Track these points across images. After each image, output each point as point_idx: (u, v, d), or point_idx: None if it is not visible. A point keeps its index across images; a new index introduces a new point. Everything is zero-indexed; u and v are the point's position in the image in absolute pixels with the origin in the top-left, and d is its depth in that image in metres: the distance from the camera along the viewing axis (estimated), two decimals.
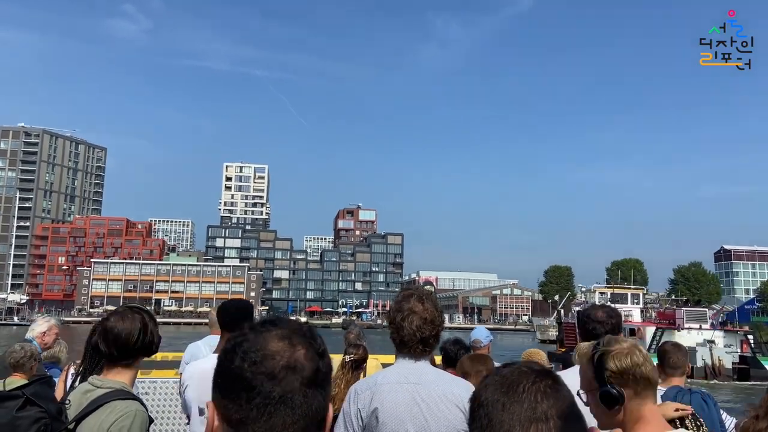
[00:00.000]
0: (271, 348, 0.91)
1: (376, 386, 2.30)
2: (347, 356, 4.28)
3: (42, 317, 5.61)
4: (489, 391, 1.04)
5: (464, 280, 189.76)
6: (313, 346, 0.95)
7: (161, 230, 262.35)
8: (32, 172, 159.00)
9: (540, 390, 1.00)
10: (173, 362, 5.90)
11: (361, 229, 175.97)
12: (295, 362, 0.91)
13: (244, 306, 3.46)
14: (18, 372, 4.11)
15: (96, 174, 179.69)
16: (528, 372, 1.04)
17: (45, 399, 2.24)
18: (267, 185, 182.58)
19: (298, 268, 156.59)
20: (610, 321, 2.86)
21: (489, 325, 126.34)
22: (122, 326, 2.28)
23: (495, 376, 1.07)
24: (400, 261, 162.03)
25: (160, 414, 5.50)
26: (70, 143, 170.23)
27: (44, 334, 5.07)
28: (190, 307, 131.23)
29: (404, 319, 2.36)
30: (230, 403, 0.90)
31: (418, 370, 2.33)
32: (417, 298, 2.41)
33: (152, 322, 2.36)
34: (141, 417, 2.14)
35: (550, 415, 0.98)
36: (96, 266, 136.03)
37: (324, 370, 0.95)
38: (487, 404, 1.02)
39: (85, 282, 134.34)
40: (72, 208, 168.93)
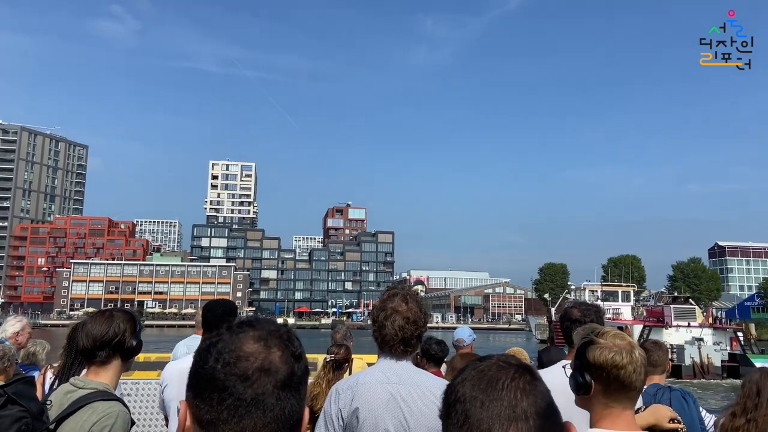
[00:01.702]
0: (246, 349, 0.90)
1: (357, 386, 2.31)
2: (328, 356, 4.35)
3: (13, 317, 5.39)
4: (467, 386, 1.00)
5: (456, 279, 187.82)
6: (290, 348, 0.94)
7: (148, 231, 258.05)
8: (10, 170, 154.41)
9: (519, 387, 0.98)
10: (156, 363, 6.05)
11: (350, 228, 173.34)
12: (269, 364, 0.90)
13: (228, 306, 3.47)
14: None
15: (77, 173, 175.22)
16: (506, 367, 1.02)
17: (27, 398, 2.25)
18: (254, 184, 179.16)
19: (287, 268, 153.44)
20: (585, 319, 2.80)
21: (482, 325, 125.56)
22: (102, 327, 2.28)
23: (471, 370, 1.03)
24: (391, 260, 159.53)
25: (143, 415, 5.56)
26: (50, 141, 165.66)
27: (17, 334, 5.03)
28: (174, 308, 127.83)
29: (387, 318, 2.37)
30: (202, 403, 0.89)
31: (400, 370, 2.34)
32: (401, 298, 2.41)
33: (132, 323, 2.35)
34: (123, 418, 2.14)
35: (530, 414, 0.95)
36: (76, 267, 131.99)
37: (299, 373, 0.93)
38: (464, 400, 0.98)
39: (64, 284, 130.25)
40: (52, 208, 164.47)
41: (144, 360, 6.50)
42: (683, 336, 37.61)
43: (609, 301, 47.13)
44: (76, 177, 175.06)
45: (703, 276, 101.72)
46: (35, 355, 5.13)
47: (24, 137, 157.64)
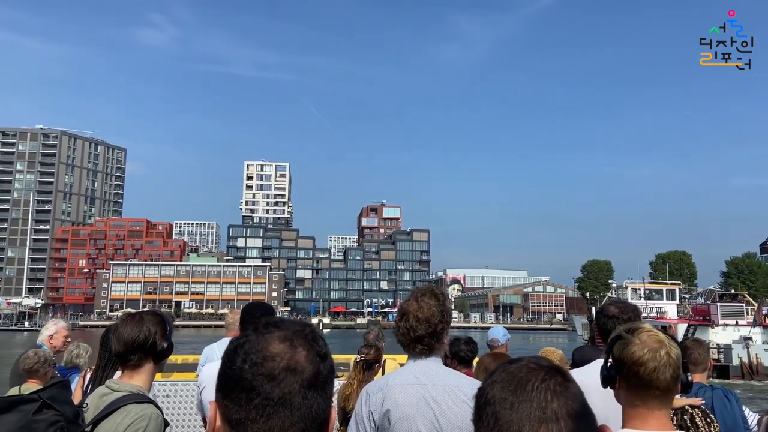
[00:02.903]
0: (272, 349, 0.93)
1: (387, 387, 2.34)
2: (358, 356, 4.37)
3: (51, 320, 5.48)
4: (496, 388, 1.01)
5: (493, 278, 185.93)
6: (315, 348, 0.96)
7: (187, 233, 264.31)
8: (51, 174, 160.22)
9: (550, 388, 0.98)
10: (193, 365, 6.03)
11: (385, 226, 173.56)
12: (295, 364, 0.92)
13: (266, 309, 3.56)
14: (33, 378, 4.16)
15: (116, 175, 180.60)
16: (537, 369, 1.02)
17: (62, 402, 2.29)
18: (288, 184, 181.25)
19: (322, 268, 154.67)
20: (622, 316, 2.79)
21: (522, 324, 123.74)
22: (132, 331, 2.33)
23: (502, 372, 1.04)
24: (427, 259, 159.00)
25: (182, 416, 5.64)
26: (89, 144, 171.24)
27: (51, 337, 5.06)
28: (210, 309, 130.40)
29: (400, 319, 2.43)
30: (231, 403, 0.92)
31: (429, 371, 2.36)
32: (414, 297, 2.47)
33: (162, 325, 2.40)
34: (156, 420, 2.20)
35: (560, 415, 0.96)
36: (115, 268, 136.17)
37: (325, 372, 0.96)
38: (494, 402, 1.00)
39: (104, 285, 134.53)
40: (92, 211, 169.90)
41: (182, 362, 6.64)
42: (731, 335, 36.44)
43: (653, 299, 45.97)
44: (115, 180, 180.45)
45: (759, 272, 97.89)
46: (78, 358, 5.19)
47: (64, 141, 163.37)
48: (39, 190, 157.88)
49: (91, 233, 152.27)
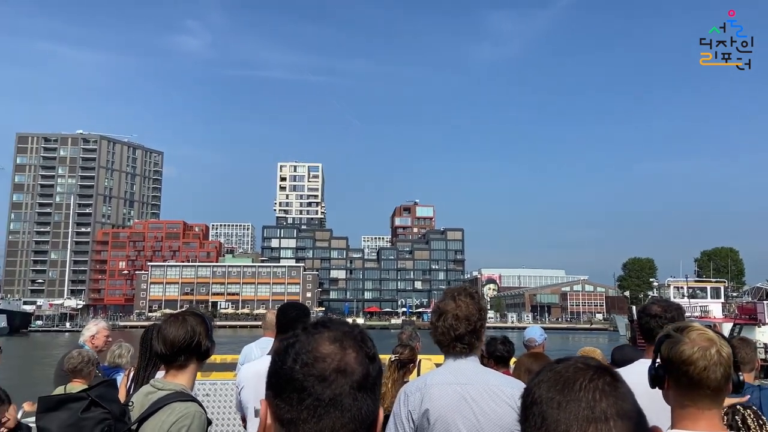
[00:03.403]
0: (322, 350, 0.94)
1: (425, 387, 2.35)
2: (393, 355, 4.45)
3: (92, 321, 5.63)
4: (543, 388, 1.01)
5: (530, 277, 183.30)
6: (364, 349, 0.97)
7: (223, 234, 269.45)
8: (91, 178, 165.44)
9: (598, 388, 0.97)
10: (231, 364, 6.15)
11: (418, 226, 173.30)
12: (345, 365, 0.93)
13: (301, 309, 3.62)
14: (77, 378, 4.26)
15: (154, 178, 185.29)
16: (584, 368, 1.01)
17: (109, 401, 2.38)
18: (321, 184, 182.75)
19: (355, 268, 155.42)
20: (665, 315, 2.74)
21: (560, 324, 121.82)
22: (175, 330, 2.39)
23: (548, 372, 1.04)
24: (461, 258, 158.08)
25: (221, 415, 5.70)
26: (127, 148, 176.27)
27: (93, 337, 5.21)
28: (246, 309, 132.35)
29: (438, 319, 2.43)
30: (282, 402, 0.93)
31: (467, 370, 2.37)
32: (450, 296, 2.47)
33: (204, 325, 2.45)
34: (200, 418, 2.26)
35: (609, 415, 0.95)
36: (153, 270, 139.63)
37: (374, 374, 0.97)
38: (540, 402, 0.99)
39: (143, 286, 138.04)
40: (131, 213, 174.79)
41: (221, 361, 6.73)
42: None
43: (697, 298, 44.72)
44: (153, 183, 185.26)
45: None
46: (120, 358, 5.32)
47: (104, 146, 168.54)
48: (80, 194, 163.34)
49: (130, 235, 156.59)
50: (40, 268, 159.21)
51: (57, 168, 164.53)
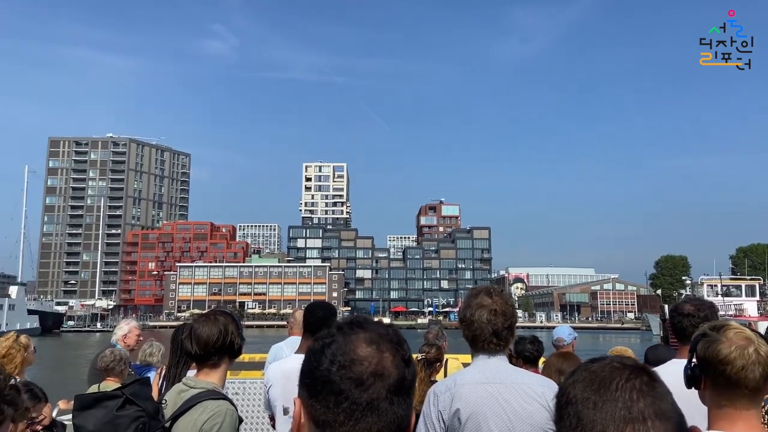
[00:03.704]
0: (359, 353, 0.93)
1: (455, 387, 2.34)
2: (419, 354, 4.49)
3: (123, 320, 5.74)
4: (578, 388, 0.99)
5: (559, 276, 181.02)
6: (400, 352, 0.96)
7: (250, 235, 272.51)
8: (121, 180, 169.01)
9: (635, 387, 0.96)
10: (260, 363, 6.22)
11: (444, 225, 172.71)
12: (382, 369, 0.92)
13: (328, 309, 3.64)
14: (110, 376, 4.38)
15: (181, 180, 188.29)
16: (621, 368, 0.99)
17: (143, 398, 2.43)
18: (346, 184, 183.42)
19: (381, 267, 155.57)
20: (698, 314, 2.70)
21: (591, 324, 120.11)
22: (206, 329, 2.44)
23: (583, 371, 1.02)
24: (488, 257, 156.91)
25: (250, 413, 5.74)
26: (155, 151, 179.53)
27: (125, 336, 5.35)
28: (273, 309, 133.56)
29: (473, 314, 2.42)
30: (318, 404, 0.93)
31: (497, 369, 2.37)
32: (485, 293, 2.48)
33: (234, 324, 2.51)
34: (231, 416, 2.32)
35: (647, 415, 0.93)
36: (181, 270, 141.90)
37: (409, 378, 0.96)
38: (576, 402, 0.98)
39: (172, 286, 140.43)
40: (160, 215, 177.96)
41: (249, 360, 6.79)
42: None
43: (731, 296, 43.84)
44: (181, 184, 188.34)
45: None
46: (151, 356, 5.40)
47: (132, 149, 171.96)
48: (110, 196, 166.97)
49: (159, 236, 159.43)
50: (73, 269, 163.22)
51: (88, 171, 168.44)
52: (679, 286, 78.74)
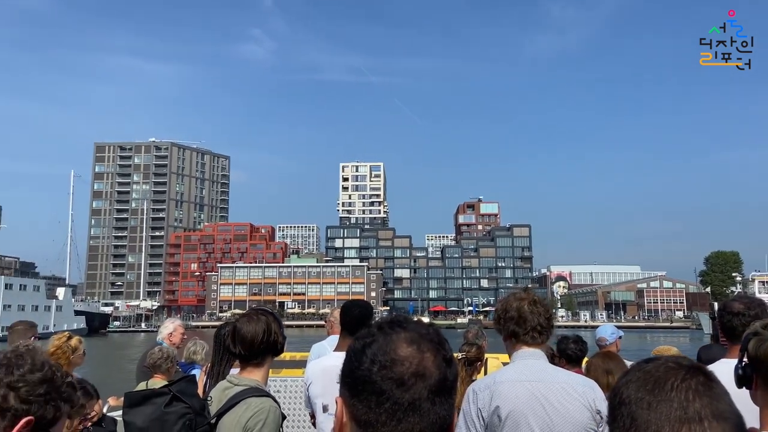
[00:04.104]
0: (400, 353, 0.93)
1: (494, 385, 2.37)
2: (460, 354, 4.50)
3: (168, 319, 5.98)
4: (631, 388, 0.98)
5: (603, 274, 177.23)
6: (441, 352, 0.96)
7: (289, 236, 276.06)
8: (163, 183, 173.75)
9: (691, 387, 0.94)
10: (301, 362, 6.38)
11: (483, 223, 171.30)
12: (423, 369, 0.92)
13: (364, 307, 3.69)
14: (158, 373, 4.49)
15: (221, 182, 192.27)
16: (676, 368, 0.98)
17: (189, 395, 2.51)
18: (383, 183, 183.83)
19: (419, 267, 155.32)
20: (749, 313, 2.64)
21: (637, 323, 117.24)
22: (250, 328, 2.53)
23: (637, 372, 1.00)
24: (529, 255, 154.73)
25: (291, 411, 5.84)
26: (196, 154, 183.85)
27: (170, 335, 5.54)
28: (312, 309, 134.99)
29: (507, 311, 2.54)
30: (359, 403, 0.93)
31: (537, 367, 2.41)
32: (523, 289, 2.66)
33: (276, 323, 2.60)
34: (275, 413, 2.39)
35: (704, 415, 0.91)
36: (222, 271, 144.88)
37: (451, 378, 0.96)
38: (629, 403, 0.96)
39: (213, 287, 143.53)
40: (201, 216, 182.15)
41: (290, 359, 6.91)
42: None
43: None
44: (221, 187, 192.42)
45: None
46: (195, 354, 5.56)
47: (174, 152, 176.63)
48: (153, 199, 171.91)
49: (201, 238, 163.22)
50: (119, 271, 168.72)
51: (132, 175, 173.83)
52: (730, 283, 75.97)
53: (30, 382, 1.27)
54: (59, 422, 1.32)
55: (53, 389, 1.30)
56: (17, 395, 1.25)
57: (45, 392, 1.28)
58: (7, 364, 1.29)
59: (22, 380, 1.26)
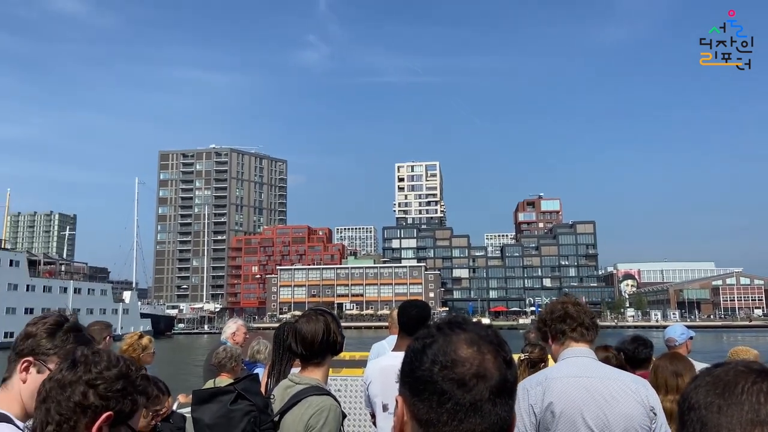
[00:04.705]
0: (461, 354, 0.94)
1: (546, 381, 2.41)
2: (523, 355, 4.55)
3: (231, 320, 6.17)
4: (701, 393, 0.97)
5: (674, 271, 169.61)
6: (501, 354, 0.97)
7: (347, 238, 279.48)
8: (224, 188, 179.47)
9: (762, 390, 0.92)
10: (360, 361, 6.52)
11: (544, 220, 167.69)
12: (484, 371, 0.93)
13: (422, 307, 3.72)
14: (223, 372, 4.68)
15: (279, 186, 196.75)
16: (746, 371, 0.96)
17: (253, 393, 2.59)
18: (440, 183, 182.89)
19: (478, 266, 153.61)
20: None
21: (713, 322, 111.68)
22: (310, 328, 2.62)
23: (706, 376, 0.99)
24: (594, 252, 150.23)
25: (351, 410, 5.90)
26: (254, 159, 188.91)
27: (233, 334, 5.79)
28: (370, 310, 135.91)
29: (552, 312, 2.67)
30: (420, 403, 0.94)
31: (588, 364, 2.45)
32: (561, 297, 2.80)
33: (335, 322, 2.69)
34: (335, 411, 2.47)
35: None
36: (282, 273, 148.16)
37: (511, 379, 0.96)
38: (699, 407, 0.95)
39: (273, 289, 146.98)
40: (260, 220, 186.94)
41: (350, 358, 7.06)
42: None
43: None
44: (279, 190, 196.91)
45: None
46: (258, 353, 5.71)
47: (233, 158, 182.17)
48: (215, 204, 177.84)
49: (261, 241, 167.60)
50: (184, 274, 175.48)
51: (194, 181, 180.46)
52: None
53: (107, 378, 1.32)
54: (136, 414, 1.38)
55: (129, 383, 1.36)
56: (96, 392, 1.30)
57: (122, 387, 1.34)
58: (85, 362, 1.34)
59: (100, 377, 1.32)
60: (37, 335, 1.75)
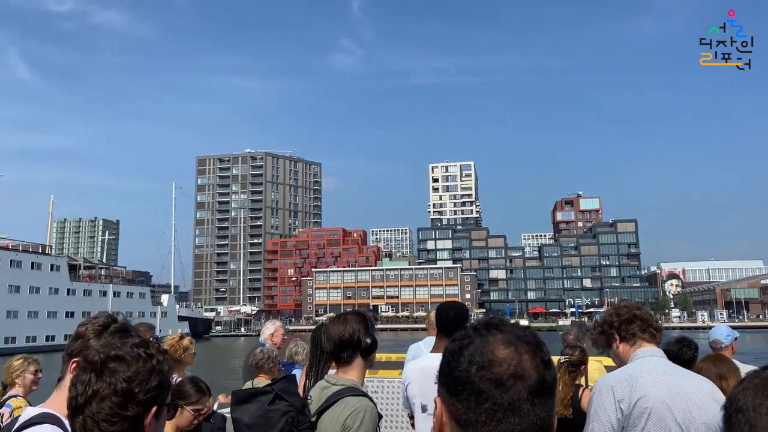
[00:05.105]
0: (498, 354, 0.95)
1: (632, 378, 2.43)
2: (562, 357, 4.50)
3: (269, 321, 6.28)
4: (749, 395, 0.96)
5: (721, 270, 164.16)
6: (539, 354, 0.97)
7: (382, 240, 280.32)
8: (260, 192, 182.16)
9: None
10: (397, 363, 6.58)
11: (583, 219, 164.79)
12: (522, 371, 0.94)
13: (459, 309, 3.75)
14: (261, 373, 4.80)
15: (314, 189, 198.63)
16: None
17: (291, 394, 2.62)
18: (475, 183, 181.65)
19: (516, 267, 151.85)
20: None
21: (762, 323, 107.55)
22: (336, 328, 2.69)
23: (754, 378, 0.99)
24: (636, 252, 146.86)
25: (389, 411, 5.98)
26: (289, 162, 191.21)
27: (272, 335, 5.89)
28: (406, 312, 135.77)
29: (619, 315, 2.71)
30: (459, 403, 0.95)
31: (668, 364, 2.50)
32: (620, 304, 2.85)
33: (363, 323, 2.73)
34: (371, 412, 2.51)
35: None
36: (317, 275, 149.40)
37: (550, 380, 0.97)
38: (747, 409, 0.95)
39: (309, 291, 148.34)
40: (296, 223, 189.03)
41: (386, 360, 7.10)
42: None
43: None
44: (313, 193, 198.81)
45: None
46: (296, 355, 5.77)
47: (268, 162, 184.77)
48: (251, 208, 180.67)
49: (296, 244, 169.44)
50: (222, 277, 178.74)
51: (231, 185, 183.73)
52: None
53: (146, 374, 1.35)
54: (174, 411, 1.41)
55: (168, 381, 1.38)
56: (138, 388, 1.33)
57: (159, 383, 1.36)
58: (124, 359, 1.37)
59: (140, 373, 1.34)
60: (85, 335, 1.83)
